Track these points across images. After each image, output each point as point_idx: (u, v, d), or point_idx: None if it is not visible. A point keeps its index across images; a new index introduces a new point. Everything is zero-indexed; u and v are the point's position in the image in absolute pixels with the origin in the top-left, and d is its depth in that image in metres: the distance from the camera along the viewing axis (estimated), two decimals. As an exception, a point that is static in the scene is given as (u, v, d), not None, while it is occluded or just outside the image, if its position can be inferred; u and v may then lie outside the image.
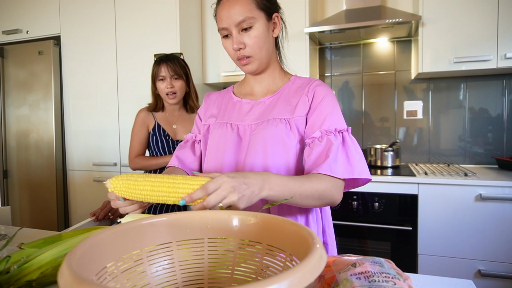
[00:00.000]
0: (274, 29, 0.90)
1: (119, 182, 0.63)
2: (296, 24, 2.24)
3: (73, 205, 2.57)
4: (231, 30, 0.84)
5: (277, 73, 0.96)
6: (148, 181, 0.62)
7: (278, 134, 0.85)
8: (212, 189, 0.62)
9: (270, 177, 0.70)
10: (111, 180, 0.64)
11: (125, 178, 0.63)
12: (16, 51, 2.61)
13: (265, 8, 0.85)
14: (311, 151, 0.83)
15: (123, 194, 0.63)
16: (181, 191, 0.62)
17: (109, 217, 1.23)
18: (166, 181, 0.62)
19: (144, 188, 0.62)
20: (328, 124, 0.84)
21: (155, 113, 1.74)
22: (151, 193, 0.62)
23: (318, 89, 0.89)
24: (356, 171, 0.80)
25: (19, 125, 2.62)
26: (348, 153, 0.81)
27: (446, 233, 1.84)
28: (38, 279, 0.68)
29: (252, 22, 0.83)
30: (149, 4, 2.29)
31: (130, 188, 0.62)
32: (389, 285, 0.49)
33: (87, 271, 0.42)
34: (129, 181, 0.62)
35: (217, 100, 1.02)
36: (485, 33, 1.95)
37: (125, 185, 0.63)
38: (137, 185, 0.62)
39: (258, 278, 0.53)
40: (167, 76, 1.62)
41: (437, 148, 2.39)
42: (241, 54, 0.85)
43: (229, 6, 0.82)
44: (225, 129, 0.92)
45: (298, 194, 0.74)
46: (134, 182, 0.62)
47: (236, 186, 0.63)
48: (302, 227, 0.49)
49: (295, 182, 0.73)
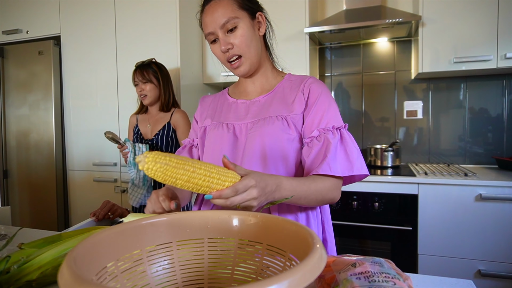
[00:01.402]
0: (260, 28, 0.91)
1: (156, 165, 0.57)
2: (296, 24, 2.24)
3: (73, 205, 2.57)
4: (217, 33, 0.85)
5: (270, 72, 0.97)
6: (186, 171, 0.60)
7: (275, 131, 0.85)
8: (241, 191, 0.64)
9: (282, 183, 0.73)
10: (147, 159, 0.57)
11: (164, 162, 0.58)
12: (16, 51, 2.60)
13: (247, 8, 0.87)
14: (310, 150, 0.84)
15: (155, 176, 0.59)
16: (213, 186, 0.63)
17: (109, 216, 1.24)
18: (202, 174, 0.62)
19: (181, 178, 0.60)
20: (325, 122, 0.85)
21: (140, 115, 1.97)
22: (185, 183, 0.61)
23: (313, 86, 0.90)
24: (355, 168, 0.82)
25: (19, 125, 2.62)
26: (347, 150, 0.83)
27: (446, 233, 1.84)
28: (38, 279, 0.68)
29: (236, 22, 0.84)
30: (149, 4, 2.29)
31: (166, 174, 0.59)
32: (389, 285, 0.49)
33: (87, 271, 0.42)
34: (168, 166, 0.58)
35: (212, 102, 1.02)
36: (485, 33, 1.95)
37: (162, 169, 0.58)
38: (175, 173, 0.59)
39: (258, 278, 0.53)
40: (138, 81, 1.84)
41: (437, 148, 2.39)
42: (230, 54, 0.86)
43: (212, 11, 0.84)
44: (221, 129, 0.92)
45: (304, 197, 0.77)
46: (173, 169, 0.59)
47: (259, 194, 0.66)
48: (302, 227, 0.49)
49: (302, 186, 0.76)
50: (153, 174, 0.58)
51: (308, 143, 0.86)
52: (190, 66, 2.39)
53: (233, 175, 0.65)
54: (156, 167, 0.57)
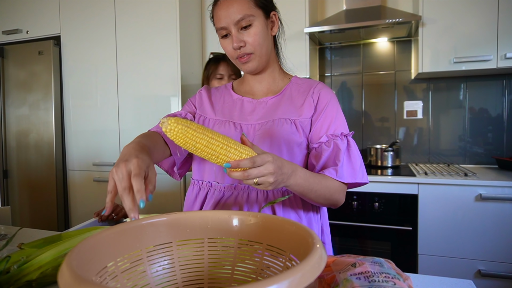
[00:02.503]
0: (273, 28, 0.90)
1: (178, 126, 0.57)
2: (296, 24, 2.24)
3: (73, 205, 2.57)
4: (230, 29, 0.83)
5: (277, 73, 0.96)
6: (206, 136, 0.60)
7: (283, 134, 0.85)
8: (258, 164, 0.63)
9: (297, 169, 0.73)
10: (170, 121, 0.57)
11: (186, 125, 0.58)
12: (16, 51, 2.60)
13: (263, 6, 0.86)
14: (319, 156, 0.84)
15: (176, 138, 0.58)
16: (230, 156, 0.63)
17: (112, 217, 1.23)
18: (221, 142, 0.62)
19: (200, 142, 0.60)
20: (334, 128, 0.86)
21: None
22: (204, 148, 0.61)
23: (323, 92, 0.90)
24: (358, 176, 0.83)
25: (19, 125, 2.62)
26: (352, 158, 0.84)
27: (446, 233, 1.84)
28: (38, 279, 0.68)
29: (251, 20, 0.82)
30: (149, 4, 2.29)
31: (187, 136, 0.58)
32: (389, 285, 0.49)
33: (87, 271, 0.42)
34: (189, 128, 0.58)
35: (214, 94, 1.00)
36: (485, 33, 1.95)
37: (183, 131, 0.58)
38: (195, 136, 0.59)
39: (258, 278, 0.53)
40: (225, 75, 1.59)
41: (437, 148, 2.39)
42: (241, 52, 0.85)
43: (227, 5, 0.82)
44: (228, 128, 0.90)
45: (315, 190, 0.78)
46: (193, 132, 0.59)
47: (276, 170, 0.66)
48: (302, 227, 0.49)
49: (315, 179, 0.77)
50: (175, 135, 0.58)
51: (316, 148, 0.86)
52: (190, 66, 2.39)
53: (250, 151, 0.66)
54: (178, 128, 0.57)
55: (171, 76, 2.27)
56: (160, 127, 0.57)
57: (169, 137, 0.58)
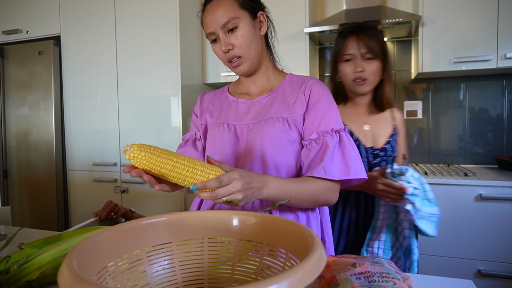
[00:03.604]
0: (261, 27, 0.90)
1: (141, 154, 0.58)
2: (296, 24, 2.24)
3: (73, 205, 2.57)
4: (218, 33, 0.85)
5: (271, 72, 0.97)
6: (170, 160, 0.61)
7: (276, 133, 0.85)
8: (225, 182, 0.64)
9: (269, 181, 0.73)
10: (133, 149, 0.58)
11: (149, 151, 0.59)
12: (16, 51, 2.60)
13: (248, 7, 0.86)
14: (308, 153, 0.84)
15: (140, 165, 0.60)
16: (197, 177, 0.63)
17: (111, 216, 1.23)
18: (186, 165, 0.62)
19: (165, 167, 0.61)
20: (325, 124, 0.85)
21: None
22: (170, 172, 0.62)
23: (314, 87, 0.89)
24: (352, 172, 0.81)
25: (19, 125, 2.62)
26: (345, 153, 0.82)
27: (446, 233, 1.83)
28: (38, 279, 0.68)
29: (236, 22, 0.84)
30: (149, 4, 2.29)
31: (151, 162, 0.60)
32: (389, 285, 0.49)
33: (87, 271, 0.42)
34: (152, 155, 0.59)
35: (212, 99, 1.02)
36: (485, 33, 1.95)
37: (147, 158, 0.59)
38: (159, 162, 0.60)
39: (258, 278, 0.53)
40: (356, 54, 1.18)
41: (437, 148, 2.39)
42: (230, 55, 0.86)
43: (213, 10, 0.84)
44: (222, 129, 0.92)
45: (294, 197, 0.77)
46: (157, 158, 0.60)
47: (244, 187, 0.66)
48: (302, 227, 0.49)
49: (291, 186, 0.76)
50: (139, 162, 0.59)
51: (306, 145, 0.86)
52: (190, 66, 2.39)
53: (218, 170, 0.66)
54: (142, 155, 0.59)
55: (171, 76, 2.27)
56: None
57: (133, 164, 0.59)
